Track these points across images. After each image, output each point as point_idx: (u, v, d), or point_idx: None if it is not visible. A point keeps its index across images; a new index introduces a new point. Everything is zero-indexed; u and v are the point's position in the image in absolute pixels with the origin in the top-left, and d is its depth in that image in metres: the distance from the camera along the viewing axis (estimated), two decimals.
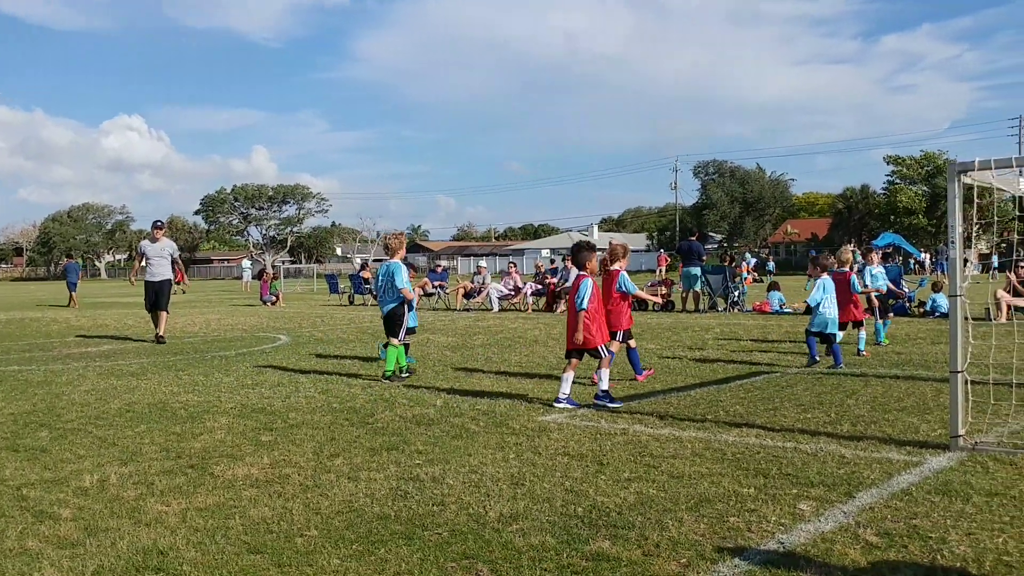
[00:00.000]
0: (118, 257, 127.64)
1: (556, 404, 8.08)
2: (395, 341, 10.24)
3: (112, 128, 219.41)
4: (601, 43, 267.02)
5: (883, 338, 13.32)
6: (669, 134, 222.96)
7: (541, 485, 5.32)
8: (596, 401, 8.16)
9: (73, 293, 32.92)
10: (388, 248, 10.81)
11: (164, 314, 15.87)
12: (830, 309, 10.98)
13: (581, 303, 8.18)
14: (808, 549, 4.11)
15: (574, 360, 8.31)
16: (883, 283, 13.62)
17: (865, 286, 13.22)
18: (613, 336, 9.55)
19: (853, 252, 14.94)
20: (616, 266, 9.85)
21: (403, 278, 10.33)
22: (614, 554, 4.08)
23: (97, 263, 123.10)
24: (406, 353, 11.47)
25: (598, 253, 8.80)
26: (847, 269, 12.25)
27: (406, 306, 10.40)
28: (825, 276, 11.21)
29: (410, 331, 11.39)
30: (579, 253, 8.68)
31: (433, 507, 4.90)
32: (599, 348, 8.25)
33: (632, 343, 9.97)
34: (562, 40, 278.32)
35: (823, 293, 11.00)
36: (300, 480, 5.54)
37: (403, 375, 10.26)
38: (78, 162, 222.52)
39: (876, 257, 14.39)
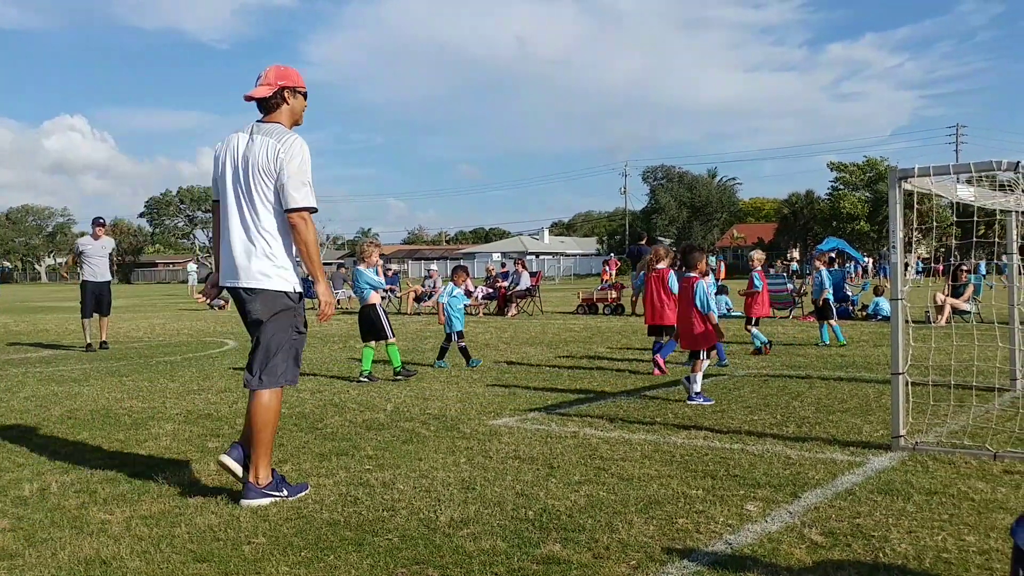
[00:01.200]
0: (59, 260, 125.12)
1: (690, 402, 8.30)
2: (391, 339, 10.53)
3: (54, 128, 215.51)
4: (550, 46, 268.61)
5: (826, 339, 14.07)
6: (618, 138, 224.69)
7: (492, 489, 5.32)
8: (691, 392, 8.40)
9: None
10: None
11: (107, 319, 15.56)
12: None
13: (708, 306, 8.53)
14: (755, 549, 4.16)
15: (697, 361, 8.58)
16: (829, 286, 14.53)
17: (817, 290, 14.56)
18: (663, 331, 10.67)
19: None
20: (662, 265, 10.76)
21: (364, 280, 10.61)
22: (565, 557, 4.09)
23: (37, 266, 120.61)
24: (441, 357, 11.88)
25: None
26: (759, 269, 13.77)
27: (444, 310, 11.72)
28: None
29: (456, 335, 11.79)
30: (690, 254, 9.04)
31: (383, 513, 4.87)
32: (703, 351, 8.60)
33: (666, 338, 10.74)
34: (511, 42, 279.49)
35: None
36: None
37: (368, 376, 10.35)
38: (18, 163, 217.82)
39: (821, 262, 15.18)
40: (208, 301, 6.20)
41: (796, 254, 59.75)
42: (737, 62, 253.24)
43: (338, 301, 28.80)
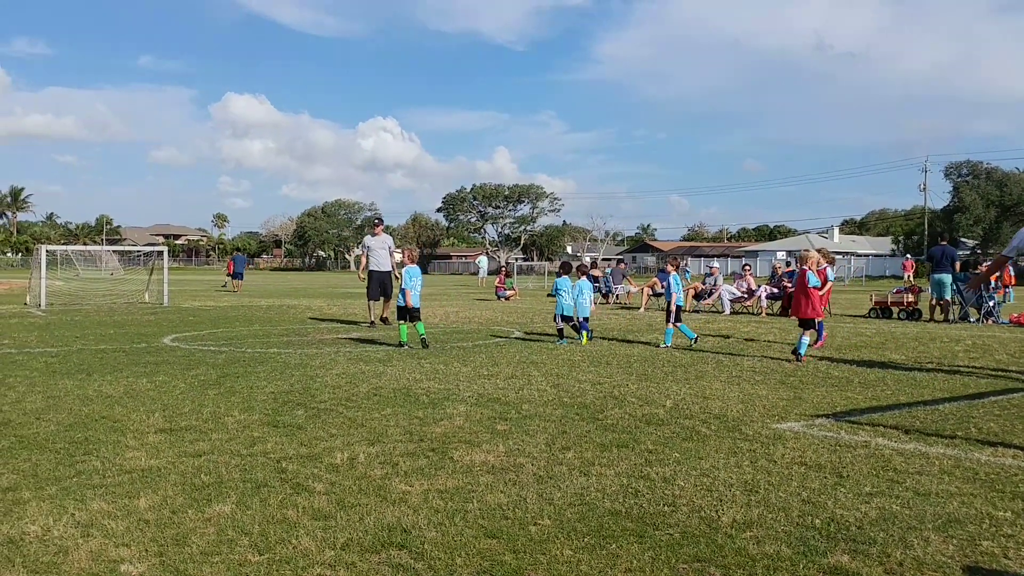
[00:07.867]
0: (355, 253, 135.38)
1: None
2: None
3: (368, 130, 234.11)
4: (846, 37, 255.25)
5: (669, 342, 14.06)
6: (916, 132, 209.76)
7: (776, 494, 5.20)
8: None
9: (239, 282, 38.63)
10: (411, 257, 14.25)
11: (391, 302, 17.83)
12: (566, 299, 14.65)
13: None
14: None
15: None
16: (677, 291, 14.53)
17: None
18: None
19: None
20: None
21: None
22: (853, 569, 3.94)
23: (347, 256, 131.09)
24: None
25: None
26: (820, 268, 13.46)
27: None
28: (564, 277, 15.02)
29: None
30: None
31: (664, 507, 4.91)
32: None
33: None
34: (800, 35, 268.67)
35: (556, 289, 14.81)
36: (534, 470, 5.71)
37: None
38: (335, 161, 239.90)
39: (672, 267, 14.85)
40: None
41: None
42: None
43: (617, 296, 29.10)
